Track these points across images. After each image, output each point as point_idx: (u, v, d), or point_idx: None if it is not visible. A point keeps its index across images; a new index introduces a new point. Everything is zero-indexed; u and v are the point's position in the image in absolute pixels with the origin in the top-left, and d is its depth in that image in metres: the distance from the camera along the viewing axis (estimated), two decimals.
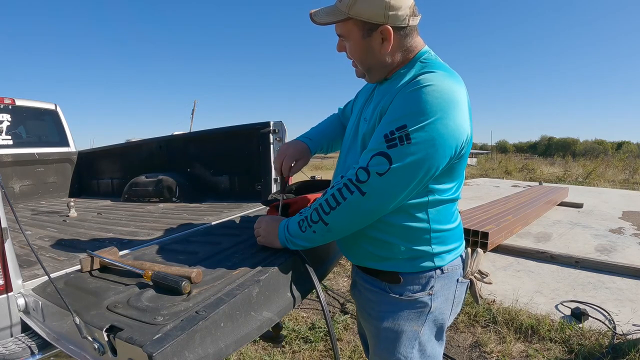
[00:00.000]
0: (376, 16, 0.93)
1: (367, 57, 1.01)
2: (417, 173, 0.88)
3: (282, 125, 2.33)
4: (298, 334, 2.49)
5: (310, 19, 1.02)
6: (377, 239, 1.03)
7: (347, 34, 1.00)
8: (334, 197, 0.93)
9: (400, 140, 0.86)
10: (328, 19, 0.99)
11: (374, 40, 0.97)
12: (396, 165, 0.86)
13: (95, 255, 1.11)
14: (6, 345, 0.97)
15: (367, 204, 0.90)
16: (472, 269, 1.14)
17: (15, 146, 3.38)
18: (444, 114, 0.85)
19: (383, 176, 0.87)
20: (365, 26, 0.96)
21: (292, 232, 1.05)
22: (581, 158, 21.33)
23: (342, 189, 0.91)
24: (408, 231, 1.00)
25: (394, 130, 0.87)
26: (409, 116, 0.86)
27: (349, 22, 0.97)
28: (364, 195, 0.89)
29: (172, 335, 0.72)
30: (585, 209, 6.80)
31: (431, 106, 0.85)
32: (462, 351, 2.36)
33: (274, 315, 0.98)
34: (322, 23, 1.00)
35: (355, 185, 0.89)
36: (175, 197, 2.75)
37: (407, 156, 0.86)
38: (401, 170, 0.87)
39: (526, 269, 3.71)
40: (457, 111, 0.87)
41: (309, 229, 0.99)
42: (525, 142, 62.94)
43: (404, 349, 1.05)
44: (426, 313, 1.05)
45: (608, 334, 2.41)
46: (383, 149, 0.88)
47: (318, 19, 1.00)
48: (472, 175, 14.33)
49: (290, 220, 1.07)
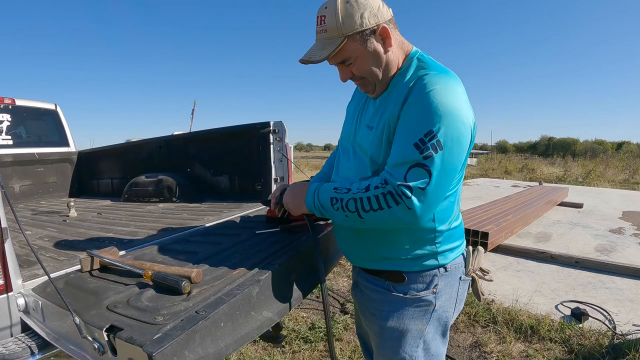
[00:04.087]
0: (368, 20, 0.94)
1: (378, 64, 0.99)
2: (453, 176, 0.93)
3: (282, 125, 2.34)
4: (298, 334, 2.49)
5: (306, 63, 0.99)
6: (382, 238, 1.03)
7: (349, 54, 0.98)
8: (377, 200, 0.90)
9: (433, 148, 0.86)
10: (327, 51, 0.96)
11: (376, 45, 0.97)
12: (436, 176, 0.87)
13: (95, 255, 1.11)
14: (6, 345, 0.97)
15: (413, 217, 0.89)
16: (473, 267, 1.15)
17: (15, 146, 3.38)
18: (457, 112, 0.89)
19: (426, 190, 0.87)
20: (364, 36, 0.95)
21: (323, 203, 1.01)
22: (581, 158, 21.31)
23: (388, 195, 0.89)
24: (414, 231, 1.01)
25: (423, 139, 0.87)
26: (431, 121, 0.87)
27: (347, 42, 0.95)
28: (409, 210, 0.88)
29: (172, 335, 0.72)
30: (585, 209, 6.80)
31: (447, 107, 0.88)
32: (462, 351, 2.36)
33: (274, 315, 0.98)
34: (323, 58, 0.97)
35: (401, 199, 0.87)
36: (175, 197, 2.75)
37: (444, 164, 0.88)
38: (440, 178, 0.88)
39: (526, 269, 3.71)
40: (464, 107, 0.92)
41: (342, 212, 0.97)
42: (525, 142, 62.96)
43: (409, 348, 1.06)
44: (430, 312, 1.05)
45: (608, 334, 2.41)
46: (419, 160, 0.87)
47: (316, 58, 0.97)
48: (472, 175, 14.33)
49: (322, 190, 1.03)
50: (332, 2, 0.94)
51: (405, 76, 0.98)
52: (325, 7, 0.96)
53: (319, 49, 0.97)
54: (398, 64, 1.01)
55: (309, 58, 0.98)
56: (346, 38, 0.94)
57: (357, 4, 0.93)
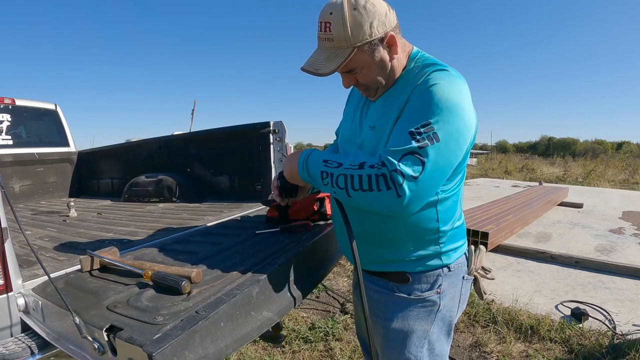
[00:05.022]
0: (377, 29, 0.90)
1: (383, 73, 0.97)
2: (446, 172, 0.90)
3: (282, 125, 2.34)
4: (298, 334, 2.49)
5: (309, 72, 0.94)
6: (386, 239, 1.03)
7: (356, 64, 0.94)
8: (369, 180, 0.86)
9: (429, 139, 0.84)
10: (335, 64, 0.91)
11: (383, 54, 0.94)
12: (429, 166, 0.84)
13: (95, 255, 1.11)
14: (6, 345, 0.97)
15: (399, 206, 0.85)
16: (475, 266, 1.15)
17: (15, 146, 3.38)
18: (459, 109, 0.87)
19: (418, 180, 0.83)
20: (372, 45, 0.92)
21: (313, 175, 0.98)
22: (581, 158, 21.31)
23: (380, 178, 0.85)
24: (419, 231, 1.00)
25: (419, 128, 0.85)
26: (431, 113, 0.86)
27: (355, 52, 0.91)
28: (398, 197, 0.84)
29: (172, 335, 0.72)
30: (585, 209, 6.79)
31: (448, 102, 0.86)
32: (462, 351, 2.35)
33: (274, 315, 0.98)
34: (331, 71, 0.92)
35: (393, 184, 0.83)
36: (175, 197, 2.75)
37: (438, 157, 0.84)
38: (433, 170, 0.85)
39: (526, 269, 3.70)
40: (467, 105, 0.91)
41: (330, 187, 0.94)
42: (525, 142, 62.93)
43: (414, 348, 1.05)
44: (435, 312, 1.05)
45: (608, 334, 2.41)
46: (414, 149, 0.84)
47: (323, 70, 0.92)
48: (472, 175, 14.33)
49: (311, 160, 0.99)
50: (339, 8, 0.88)
51: (409, 76, 0.97)
52: (331, 12, 0.89)
53: (325, 59, 0.92)
54: (402, 67, 1.00)
55: (315, 70, 0.93)
56: (355, 49, 0.90)
57: (366, 11, 0.88)
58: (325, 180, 0.94)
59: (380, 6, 0.90)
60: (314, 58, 0.95)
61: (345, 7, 0.88)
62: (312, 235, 1.39)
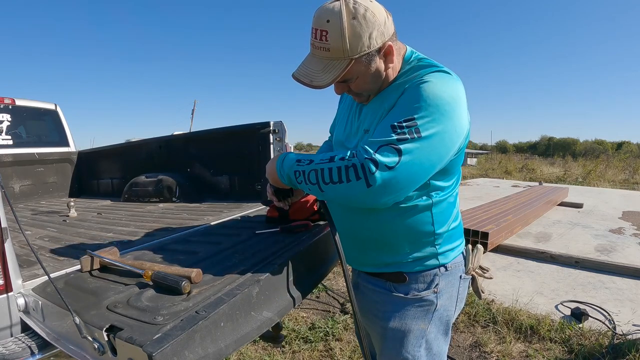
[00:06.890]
0: (375, 40, 0.88)
1: (377, 81, 0.96)
2: (428, 168, 0.86)
3: (282, 125, 2.33)
4: (298, 334, 2.49)
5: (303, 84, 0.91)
6: (383, 242, 1.03)
7: (352, 75, 0.92)
8: (339, 172, 0.85)
9: (410, 134, 0.82)
10: (332, 75, 0.89)
11: (379, 63, 0.93)
12: (406, 159, 0.81)
13: (95, 255, 1.11)
14: (6, 345, 0.97)
15: (369, 196, 0.84)
16: (473, 265, 1.15)
17: (15, 146, 3.37)
18: (449, 108, 0.85)
19: (391, 170, 0.81)
20: (369, 56, 0.89)
21: (289, 176, 0.98)
22: (581, 158, 21.31)
23: (350, 169, 0.83)
24: (415, 234, 1.00)
25: (402, 122, 0.83)
26: (416, 109, 0.84)
27: (353, 64, 0.89)
28: (368, 187, 0.82)
29: (172, 335, 0.72)
30: (585, 209, 6.80)
31: (437, 100, 0.84)
32: (462, 351, 2.35)
33: (274, 315, 0.98)
34: (327, 84, 0.89)
35: (363, 173, 0.82)
36: (175, 197, 2.75)
37: (418, 152, 0.82)
38: (411, 164, 0.82)
39: (526, 269, 3.70)
40: (459, 106, 0.88)
41: (304, 184, 0.94)
42: (525, 142, 62.89)
43: (412, 348, 1.06)
44: (432, 311, 1.05)
45: (608, 334, 2.41)
46: (393, 141, 0.82)
47: (319, 82, 0.89)
48: (472, 175, 14.33)
49: (286, 162, 0.99)
50: (336, 16, 0.84)
51: (403, 78, 0.96)
52: (327, 20, 0.85)
53: (321, 70, 0.89)
54: (397, 72, 0.99)
55: (310, 82, 0.90)
56: (352, 61, 0.88)
57: (366, 21, 0.85)
58: (299, 179, 0.94)
59: (379, 14, 0.87)
60: (308, 68, 0.91)
61: (344, 16, 0.84)
62: (312, 235, 1.38)
